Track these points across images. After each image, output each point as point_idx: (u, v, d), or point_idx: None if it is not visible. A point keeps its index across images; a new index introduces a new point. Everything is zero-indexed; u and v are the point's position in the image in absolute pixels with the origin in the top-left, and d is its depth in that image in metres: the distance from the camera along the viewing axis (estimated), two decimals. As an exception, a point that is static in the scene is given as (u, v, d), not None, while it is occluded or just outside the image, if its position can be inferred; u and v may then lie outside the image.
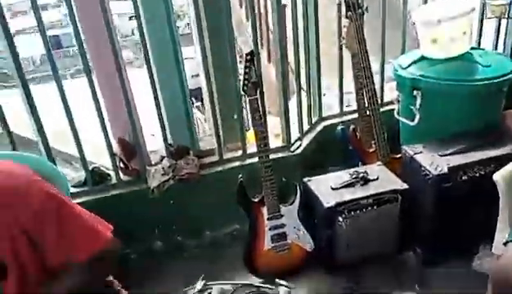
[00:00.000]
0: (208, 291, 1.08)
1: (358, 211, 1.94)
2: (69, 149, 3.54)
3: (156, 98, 2.05)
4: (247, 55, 1.87)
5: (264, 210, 1.98)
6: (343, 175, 2.08)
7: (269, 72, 4.25)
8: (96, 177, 2.06)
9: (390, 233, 2.06)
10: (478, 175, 1.92)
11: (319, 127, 2.53)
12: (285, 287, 1.06)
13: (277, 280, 1.07)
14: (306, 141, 2.42)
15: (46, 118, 1.93)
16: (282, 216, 2.00)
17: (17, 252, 1.02)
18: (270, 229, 2.00)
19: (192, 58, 2.39)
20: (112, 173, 2.11)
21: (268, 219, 1.99)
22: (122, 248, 1.25)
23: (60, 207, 1.07)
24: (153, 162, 2.17)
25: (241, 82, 1.92)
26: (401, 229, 2.05)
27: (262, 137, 1.95)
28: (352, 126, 2.39)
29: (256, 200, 1.99)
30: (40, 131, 1.91)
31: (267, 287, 1.07)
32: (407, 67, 2.15)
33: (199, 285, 1.11)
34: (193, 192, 2.16)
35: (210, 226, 2.31)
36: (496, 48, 2.55)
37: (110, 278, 1.71)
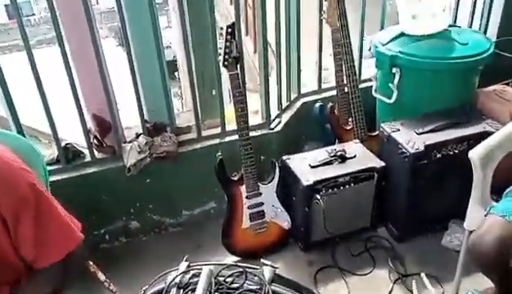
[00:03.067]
0: (192, 271, 1.06)
1: (336, 189, 1.96)
2: (37, 124, 3.40)
3: (133, 71, 1.97)
4: (228, 27, 1.80)
5: (243, 188, 1.97)
6: (322, 153, 2.09)
7: (246, 46, 4.18)
8: (70, 154, 1.99)
9: (365, 210, 2.10)
10: (452, 153, 1.96)
11: (298, 104, 2.51)
12: (270, 266, 1.06)
13: (262, 260, 1.07)
14: (285, 118, 2.40)
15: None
16: (261, 194, 2.00)
17: None
18: (248, 208, 1.99)
19: (165, 28, 2.28)
20: (86, 151, 2.04)
21: (247, 197, 1.98)
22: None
23: (40, 199, 1.03)
24: (128, 140, 2.11)
25: (221, 57, 1.86)
26: (375, 205, 2.09)
27: (242, 114, 1.92)
28: (330, 104, 2.39)
29: (235, 178, 1.97)
30: (10, 106, 1.82)
31: (252, 267, 1.06)
32: (387, 43, 2.15)
33: (183, 266, 1.08)
34: (170, 170, 2.12)
35: (187, 205, 2.28)
36: (471, 26, 2.57)
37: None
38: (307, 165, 2.02)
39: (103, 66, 1.91)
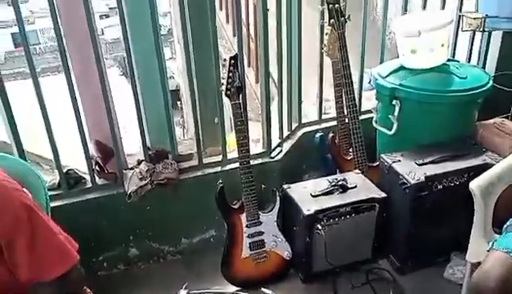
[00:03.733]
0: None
1: (337, 219, 1.95)
2: (39, 150, 3.41)
3: (136, 99, 2.01)
4: (231, 58, 1.85)
5: (243, 217, 1.96)
6: (322, 183, 2.09)
7: (248, 76, 4.25)
8: (71, 180, 1.99)
9: (366, 241, 2.09)
10: (452, 184, 1.96)
11: (299, 134, 2.53)
12: (270, 296, 1.04)
13: (262, 289, 1.05)
14: (286, 147, 2.42)
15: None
16: (261, 223, 1.99)
17: None
18: (248, 237, 1.98)
19: (168, 59, 2.35)
20: (87, 176, 2.04)
21: (247, 226, 1.97)
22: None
23: (34, 219, 1.02)
24: (130, 166, 2.12)
25: (224, 87, 1.90)
26: (376, 236, 2.07)
27: (243, 143, 1.93)
28: (331, 134, 2.41)
29: (235, 207, 1.97)
30: (14, 131, 1.83)
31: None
32: (387, 76, 2.18)
33: (183, 293, 1.07)
34: (171, 197, 2.12)
35: (187, 233, 2.26)
36: (469, 60, 2.63)
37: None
38: (308, 194, 2.02)
39: (107, 94, 1.95)
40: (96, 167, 2.04)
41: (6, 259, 1.00)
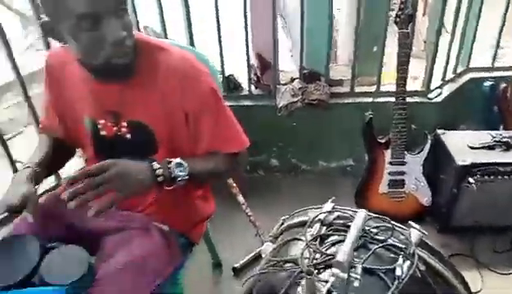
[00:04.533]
0: (337, 213, 1.07)
1: (493, 177, 1.78)
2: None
3: (302, 19, 2.00)
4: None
5: (387, 153, 1.91)
6: (483, 136, 1.90)
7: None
8: (231, 84, 2.14)
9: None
10: None
11: (464, 78, 2.28)
12: (418, 230, 1.02)
13: (410, 222, 1.03)
14: (446, 91, 2.21)
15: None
16: (405, 163, 1.91)
17: (172, 129, 1.11)
18: (389, 174, 1.93)
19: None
20: (245, 85, 2.16)
21: (390, 163, 1.91)
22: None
23: (220, 102, 1.12)
24: (282, 82, 2.17)
25: (394, 13, 1.77)
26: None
27: (402, 77, 1.82)
28: (503, 84, 2.13)
29: (382, 141, 1.91)
30: (190, 36, 2.00)
31: (399, 226, 1.03)
32: None
33: (328, 206, 1.10)
34: (317, 119, 2.15)
35: (326, 156, 2.30)
36: None
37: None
38: (464, 144, 1.86)
39: (275, 12, 1.97)
40: (254, 77, 2.14)
41: (190, 132, 1.11)
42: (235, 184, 1.81)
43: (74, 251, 1.02)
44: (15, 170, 1.66)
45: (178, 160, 1.02)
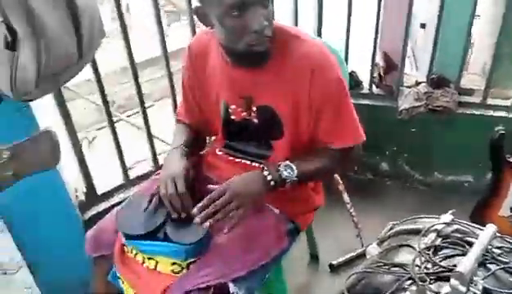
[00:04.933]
0: (456, 226, 1.02)
1: None
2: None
3: (439, 21, 1.91)
4: None
5: (516, 173, 1.74)
6: None
7: None
8: (352, 82, 2.12)
9: None
10: None
11: None
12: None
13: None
14: None
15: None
16: (535, 188, 1.72)
17: (297, 115, 1.15)
18: (515, 197, 1.76)
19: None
20: (366, 84, 2.13)
21: (518, 185, 1.74)
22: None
23: (343, 94, 1.14)
24: (406, 84, 2.09)
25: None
26: None
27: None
28: None
29: (511, 160, 1.74)
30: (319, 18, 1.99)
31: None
32: None
33: (447, 218, 1.06)
34: (440, 127, 2.03)
35: (443, 168, 2.17)
36: None
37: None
38: None
39: (411, 9, 1.90)
40: (376, 77, 2.09)
41: (311, 123, 1.15)
42: (341, 181, 1.80)
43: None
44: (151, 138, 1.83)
45: (287, 162, 1.09)
